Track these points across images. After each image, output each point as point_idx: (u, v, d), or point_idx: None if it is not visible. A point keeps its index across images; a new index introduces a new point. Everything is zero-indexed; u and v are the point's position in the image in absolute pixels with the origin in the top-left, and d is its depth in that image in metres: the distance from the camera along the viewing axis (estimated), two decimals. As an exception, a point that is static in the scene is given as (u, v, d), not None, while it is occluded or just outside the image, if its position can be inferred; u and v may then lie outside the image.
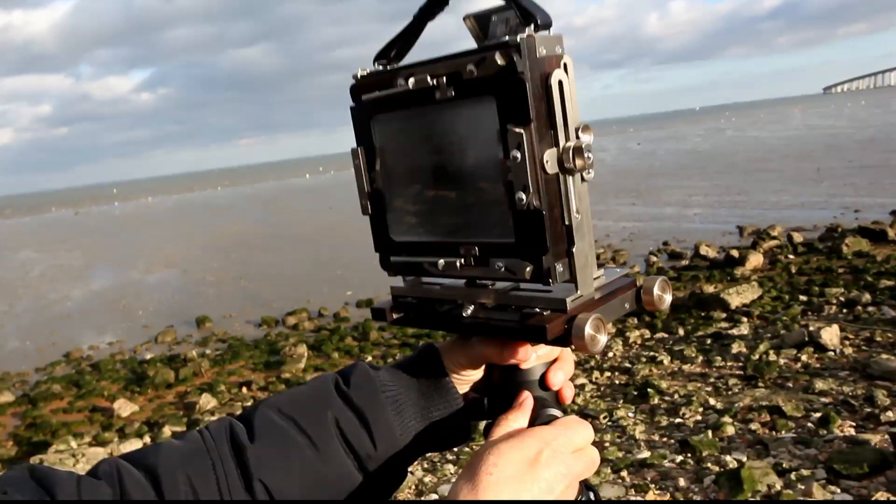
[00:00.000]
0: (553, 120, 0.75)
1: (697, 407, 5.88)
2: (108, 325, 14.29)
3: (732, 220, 15.78)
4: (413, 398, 0.92)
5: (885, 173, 20.38)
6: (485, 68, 0.75)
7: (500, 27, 0.83)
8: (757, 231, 13.87)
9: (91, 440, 7.65)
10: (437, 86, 0.80)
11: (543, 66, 0.74)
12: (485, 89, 0.76)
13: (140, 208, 62.88)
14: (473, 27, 0.85)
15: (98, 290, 19.41)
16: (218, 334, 12.16)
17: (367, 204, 0.93)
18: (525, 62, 0.73)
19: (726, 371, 6.75)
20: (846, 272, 10.06)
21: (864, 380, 5.96)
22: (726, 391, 6.21)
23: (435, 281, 0.92)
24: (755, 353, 6.97)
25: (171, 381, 9.48)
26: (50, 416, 8.66)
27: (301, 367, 9.30)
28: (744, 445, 5.04)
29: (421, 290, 0.94)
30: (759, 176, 23.99)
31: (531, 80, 0.73)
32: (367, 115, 0.91)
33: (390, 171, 0.91)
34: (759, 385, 6.20)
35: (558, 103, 0.75)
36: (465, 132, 0.82)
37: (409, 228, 0.91)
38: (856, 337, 7.14)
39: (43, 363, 11.69)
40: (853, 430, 5.04)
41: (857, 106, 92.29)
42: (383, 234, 0.93)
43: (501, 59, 0.74)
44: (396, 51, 0.90)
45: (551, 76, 0.74)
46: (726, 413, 5.60)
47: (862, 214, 14.50)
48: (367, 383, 0.92)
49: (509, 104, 0.74)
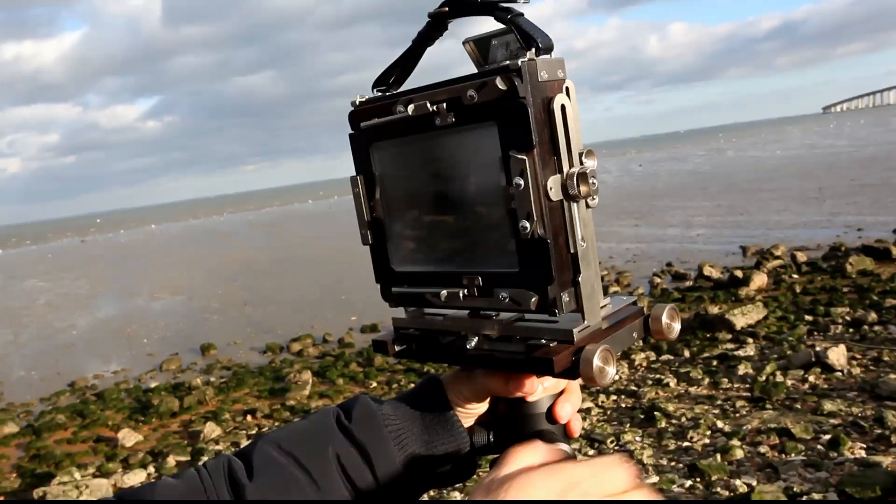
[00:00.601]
0: (556, 146, 0.73)
1: (705, 430, 5.82)
2: (113, 354, 14.24)
3: (735, 241, 15.73)
4: (416, 432, 0.90)
5: (887, 192, 20.36)
6: (486, 93, 0.74)
7: (500, 51, 0.82)
8: (760, 251, 13.81)
9: (95, 471, 7.58)
10: (437, 112, 0.78)
11: (545, 90, 0.73)
12: (486, 115, 0.75)
13: (145, 236, 63.03)
14: (473, 52, 0.84)
15: (103, 318, 19.39)
16: (222, 361, 12.11)
17: (367, 233, 0.91)
18: (527, 87, 0.71)
19: (733, 393, 6.69)
20: (851, 291, 10.00)
21: (873, 400, 5.90)
22: (734, 413, 6.15)
23: (437, 312, 0.90)
24: (762, 374, 6.91)
25: (176, 409, 9.41)
26: (54, 447, 8.59)
27: (306, 394, 9.23)
28: (753, 469, 4.98)
29: (423, 322, 0.91)
30: (761, 196, 23.98)
31: (533, 105, 0.72)
32: (366, 142, 0.89)
33: (390, 200, 0.89)
34: (766, 407, 6.13)
35: (561, 128, 0.73)
36: (466, 159, 0.80)
37: (411, 258, 0.89)
38: (863, 357, 7.09)
39: (48, 393, 11.62)
40: (864, 452, 4.98)
41: (856, 125, 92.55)
42: (384, 264, 0.91)
43: (503, 84, 0.72)
44: (395, 77, 0.89)
45: (553, 101, 0.73)
46: (734, 436, 5.54)
47: (865, 233, 14.46)
48: (370, 417, 0.89)
49: (511, 130, 0.73)
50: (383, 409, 0.91)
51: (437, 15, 0.83)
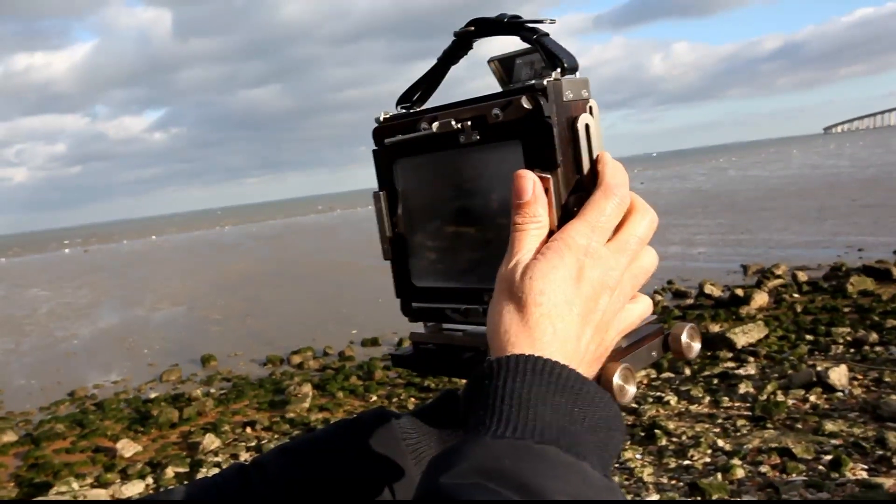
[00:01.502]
0: (580, 164, 0.73)
1: (706, 448, 5.78)
2: (114, 364, 14.21)
3: (736, 259, 15.70)
4: (434, 446, 0.89)
5: (888, 212, 20.34)
6: (511, 112, 0.73)
7: (525, 70, 0.81)
8: (761, 270, 13.79)
9: (93, 481, 7.53)
10: (462, 129, 0.78)
11: (570, 110, 0.72)
12: (511, 133, 0.74)
13: (147, 246, 63.06)
14: (498, 70, 0.84)
15: (104, 327, 19.36)
16: (223, 373, 12.07)
17: (388, 248, 0.90)
18: (552, 106, 0.71)
19: (734, 412, 6.65)
20: (852, 311, 9.97)
21: (874, 421, 5.86)
22: (734, 432, 6.10)
23: (457, 327, 0.88)
24: (763, 393, 6.87)
25: (175, 420, 9.36)
26: (52, 457, 8.54)
27: (306, 407, 9.19)
28: (754, 489, 4.93)
29: (442, 337, 0.90)
30: (762, 215, 23.98)
31: (558, 124, 0.71)
32: (389, 158, 0.89)
33: (413, 215, 0.89)
34: (767, 426, 6.09)
35: (585, 148, 0.73)
36: (489, 176, 0.79)
37: (432, 274, 0.88)
38: (864, 377, 7.05)
39: (47, 402, 11.59)
40: (865, 473, 4.94)
41: (857, 146, 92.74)
42: (405, 279, 0.90)
43: (528, 104, 0.72)
44: (419, 94, 0.88)
45: (578, 120, 0.72)
46: (735, 455, 5.50)
47: (866, 253, 14.43)
48: (387, 430, 0.89)
49: (536, 149, 0.72)
50: (402, 422, 0.90)
51: (462, 34, 0.83)
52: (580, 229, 0.68)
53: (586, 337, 0.67)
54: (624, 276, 0.70)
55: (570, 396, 0.60)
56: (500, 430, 0.57)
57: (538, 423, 0.58)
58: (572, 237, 0.68)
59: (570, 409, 0.60)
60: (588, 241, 0.68)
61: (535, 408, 0.59)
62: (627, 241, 0.70)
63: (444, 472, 0.55)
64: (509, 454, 0.55)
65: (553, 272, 0.66)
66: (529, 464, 0.54)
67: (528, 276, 0.66)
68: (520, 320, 0.65)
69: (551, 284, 0.66)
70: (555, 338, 0.64)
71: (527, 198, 0.70)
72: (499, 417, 0.58)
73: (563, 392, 0.60)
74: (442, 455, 0.58)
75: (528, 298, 0.65)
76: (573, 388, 0.61)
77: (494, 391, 0.60)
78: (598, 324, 0.68)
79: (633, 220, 0.72)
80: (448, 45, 0.85)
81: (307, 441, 0.92)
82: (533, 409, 0.58)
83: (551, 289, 0.65)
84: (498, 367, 0.62)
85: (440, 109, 0.82)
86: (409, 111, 0.88)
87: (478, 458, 0.55)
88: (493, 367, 0.62)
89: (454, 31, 0.84)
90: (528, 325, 0.65)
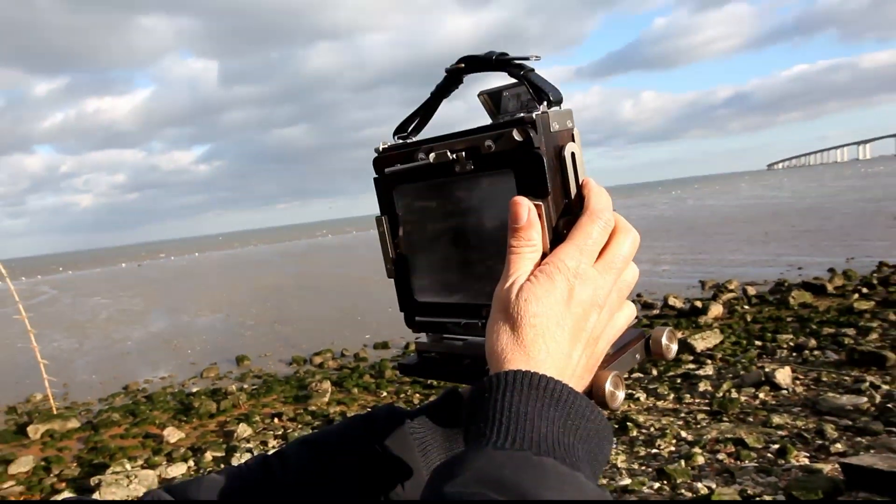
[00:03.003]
0: (567, 190, 0.70)
1: (671, 439, 5.72)
2: (161, 362, 14.13)
3: (696, 276, 15.66)
4: (438, 441, 0.86)
5: (822, 236, 20.34)
6: (502, 144, 0.70)
7: (511, 102, 0.78)
8: (717, 285, 13.74)
9: (143, 463, 7.47)
10: (457, 160, 0.74)
11: (557, 139, 0.69)
12: (503, 163, 0.71)
13: (191, 262, 62.93)
14: (487, 102, 0.80)
15: (154, 331, 19.27)
16: (254, 371, 12.00)
17: (391, 268, 0.86)
18: (541, 137, 0.68)
19: (695, 407, 6.60)
20: (794, 321, 9.93)
21: (814, 415, 5.81)
22: (695, 425, 6.05)
23: (457, 337, 0.84)
24: (719, 391, 6.83)
25: (214, 411, 9.30)
26: (109, 441, 8.47)
27: (325, 401, 9.13)
28: (713, 473, 4.88)
29: (444, 346, 0.85)
30: (717, 238, 23.94)
31: (546, 153, 0.68)
32: (389, 185, 0.84)
33: (412, 237, 0.84)
34: (723, 419, 6.04)
35: (572, 174, 0.70)
36: (484, 202, 0.76)
37: (432, 290, 0.84)
38: (805, 377, 7.00)
39: (105, 394, 11.53)
40: (807, 460, 4.89)
41: (795, 180, 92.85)
42: (408, 295, 0.86)
43: (519, 136, 0.68)
44: (414, 125, 0.84)
45: (564, 149, 0.69)
46: (696, 444, 5.45)
47: (804, 271, 14.39)
48: (397, 426, 0.86)
49: (527, 178, 0.69)
50: (409, 419, 0.87)
51: (453, 70, 0.79)
52: (570, 252, 0.65)
53: (577, 353, 0.64)
54: (611, 293, 0.67)
55: (563, 409, 0.58)
56: (501, 442, 0.55)
57: (535, 434, 0.55)
58: (563, 260, 0.65)
59: (564, 421, 0.57)
60: (577, 264, 0.65)
61: (532, 420, 0.56)
62: (613, 261, 0.67)
63: (448, 482, 0.52)
64: (509, 465, 0.52)
65: (546, 295, 0.63)
66: (528, 475, 0.51)
67: (524, 297, 0.64)
68: (515, 339, 0.62)
69: (544, 307, 0.63)
70: (548, 356, 0.62)
71: (522, 223, 0.67)
72: (499, 429, 0.56)
73: (557, 405, 0.58)
74: (446, 464, 0.56)
75: (522, 320, 0.63)
76: (566, 401, 0.59)
77: (494, 404, 0.57)
78: (588, 339, 0.65)
79: (617, 241, 0.68)
80: (441, 80, 0.81)
81: (325, 434, 0.88)
82: (530, 421, 0.56)
83: (544, 311, 0.63)
84: (497, 381, 0.59)
85: (435, 141, 0.78)
86: (405, 141, 0.84)
87: (480, 468, 0.52)
88: (493, 382, 0.59)
89: (446, 68, 0.80)
90: (523, 344, 0.62)
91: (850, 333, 8.51)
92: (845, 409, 5.79)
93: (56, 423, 9.37)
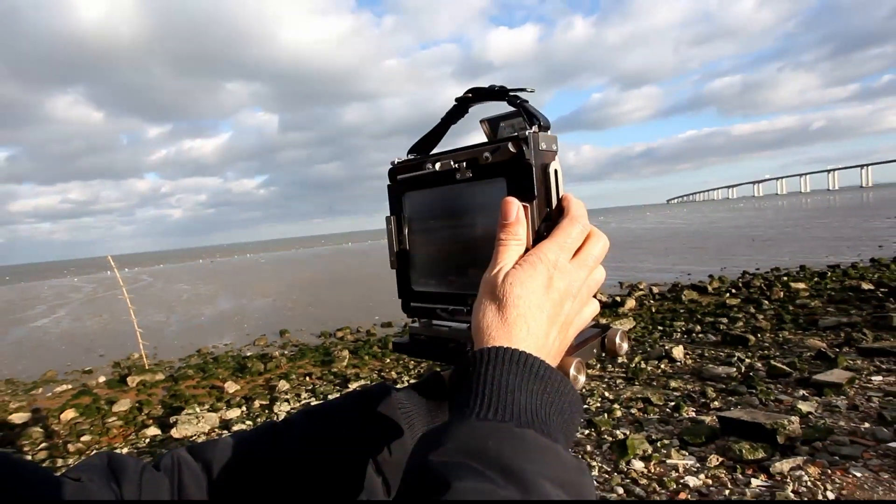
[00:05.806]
0: (550, 199, 0.63)
1: (597, 398, 5.66)
2: (225, 332, 13.84)
3: (616, 278, 15.64)
4: (422, 414, 0.76)
5: (704, 252, 20.51)
6: (498, 155, 0.64)
7: (507, 130, 0.71)
8: (631, 285, 13.75)
9: (208, 408, 7.26)
10: (458, 169, 0.68)
11: (544, 157, 0.63)
12: (497, 172, 0.64)
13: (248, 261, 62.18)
14: (486, 128, 0.73)
15: (221, 310, 18.90)
16: (293, 341, 11.79)
17: (394, 260, 0.78)
18: (531, 152, 0.62)
19: (615, 374, 6.54)
20: (685, 312, 9.92)
21: (699, 381, 5.78)
22: (615, 387, 6.00)
23: (444, 323, 0.76)
24: (632, 363, 6.78)
25: (262, 370, 9.10)
26: (184, 391, 8.24)
27: (344, 365, 8.96)
28: (627, 423, 4.82)
29: (432, 331, 0.77)
30: (631, 251, 23.99)
31: (535, 165, 0.62)
32: (399, 191, 0.77)
33: (414, 235, 0.77)
34: (635, 383, 5.99)
35: (554, 187, 0.63)
36: (478, 205, 0.69)
37: (427, 281, 0.76)
38: (692, 353, 6.98)
39: (183, 355, 11.25)
40: (694, 413, 4.85)
41: (686, 211, 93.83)
42: (406, 284, 0.79)
43: (513, 148, 0.62)
44: (425, 146, 0.78)
45: (549, 166, 0.63)
46: (615, 402, 5.39)
47: (692, 276, 14.44)
48: (388, 400, 0.76)
49: (518, 184, 0.63)
50: (399, 395, 0.78)
51: (462, 99, 0.73)
52: (551, 247, 0.58)
53: (553, 334, 0.55)
54: (583, 287, 0.59)
55: (541, 384, 0.49)
56: (483, 412, 0.46)
57: (516, 407, 0.47)
58: (545, 253, 0.57)
59: (542, 394, 0.49)
60: (557, 257, 0.57)
61: (513, 393, 0.47)
62: (587, 259, 0.60)
63: (432, 450, 0.43)
64: (493, 436, 0.43)
65: (529, 280, 0.55)
66: (510, 446, 0.43)
67: (509, 281, 0.55)
68: (500, 319, 0.54)
69: (527, 290, 0.54)
70: (528, 334, 0.53)
71: (511, 219, 0.59)
72: (482, 400, 0.47)
73: (536, 380, 0.49)
74: (431, 433, 0.46)
75: (507, 301, 0.54)
76: (543, 376, 0.50)
77: (478, 377, 0.48)
78: (562, 324, 0.57)
79: (591, 243, 0.61)
80: (450, 108, 0.75)
81: (326, 406, 0.78)
82: (511, 394, 0.47)
83: (526, 294, 0.54)
84: (481, 356, 0.50)
85: (441, 154, 0.72)
86: (416, 155, 0.77)
87: (463, 438, 0.44)
88: (477, 357, 0.50)
89: (455, 98, 0.73)
90: (506, 323, 0.53)
91: (724, 321, 8.50)
92: (721, 376, 5.77)
93: (147, 375, 9.13)
